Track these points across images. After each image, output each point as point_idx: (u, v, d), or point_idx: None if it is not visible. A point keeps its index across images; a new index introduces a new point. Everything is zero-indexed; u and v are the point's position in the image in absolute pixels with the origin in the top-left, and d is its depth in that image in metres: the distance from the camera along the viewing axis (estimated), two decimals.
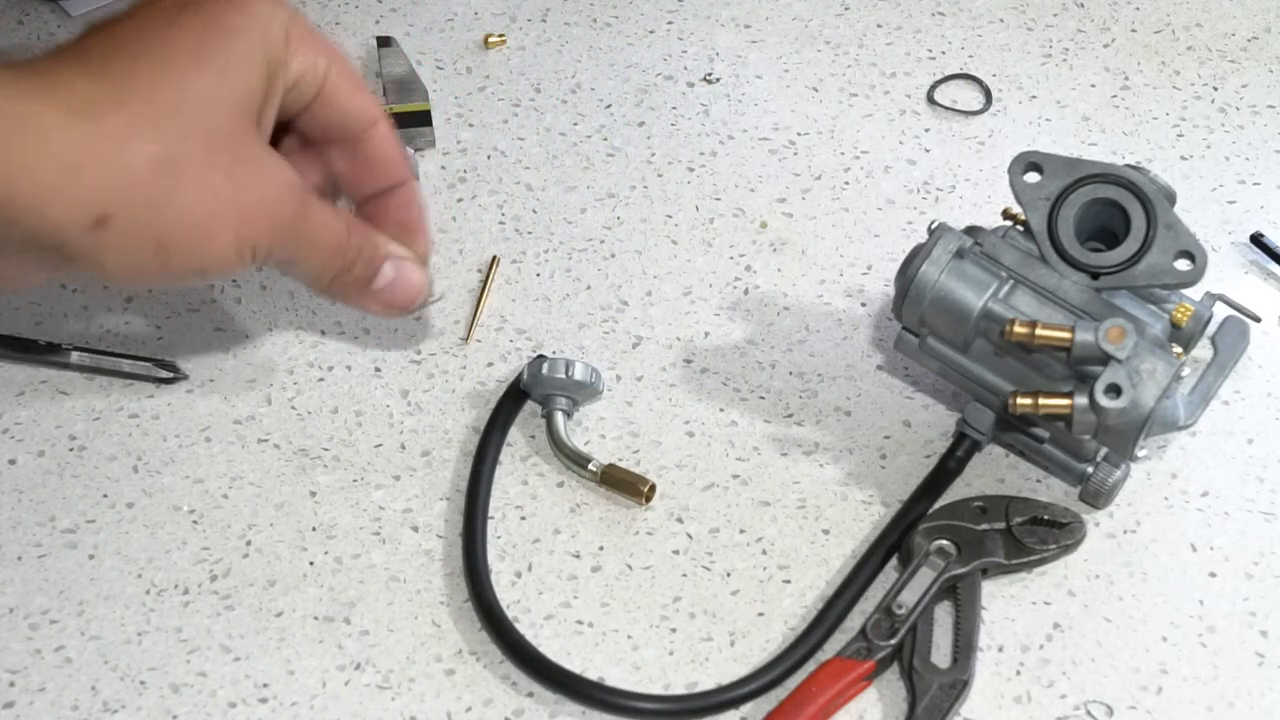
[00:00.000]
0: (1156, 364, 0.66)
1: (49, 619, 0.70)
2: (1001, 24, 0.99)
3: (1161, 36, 0.98)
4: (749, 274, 0.84)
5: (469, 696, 0.67)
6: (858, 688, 0.67)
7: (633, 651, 0.69)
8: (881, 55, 0.97)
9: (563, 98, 0.94)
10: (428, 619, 0.70)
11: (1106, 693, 0.68)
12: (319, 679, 0.68)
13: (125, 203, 0.63)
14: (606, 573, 0.72)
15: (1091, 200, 0.70)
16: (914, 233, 0.86)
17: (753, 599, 0.71)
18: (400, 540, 0.73)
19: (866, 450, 0.76)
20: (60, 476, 0.75)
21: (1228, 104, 0.94)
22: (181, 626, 0.70)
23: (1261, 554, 0.72)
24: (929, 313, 0.71)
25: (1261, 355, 0.80)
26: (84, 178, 0.61)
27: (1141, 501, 0.74)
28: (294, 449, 0.76)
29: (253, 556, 0.72)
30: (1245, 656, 0.69)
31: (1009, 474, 0.75)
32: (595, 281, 0.84)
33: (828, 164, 0.90)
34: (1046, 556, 0.71)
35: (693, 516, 0.74)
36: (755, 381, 0.79)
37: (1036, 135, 0.92)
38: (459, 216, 0.87)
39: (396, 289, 0.70)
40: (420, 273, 0.71)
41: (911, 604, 0.68)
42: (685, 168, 0.90)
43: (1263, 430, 0.77)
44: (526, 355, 0.80)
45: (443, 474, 0.75)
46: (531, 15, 1.00)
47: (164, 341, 0.80)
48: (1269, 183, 0.89)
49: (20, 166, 0.60)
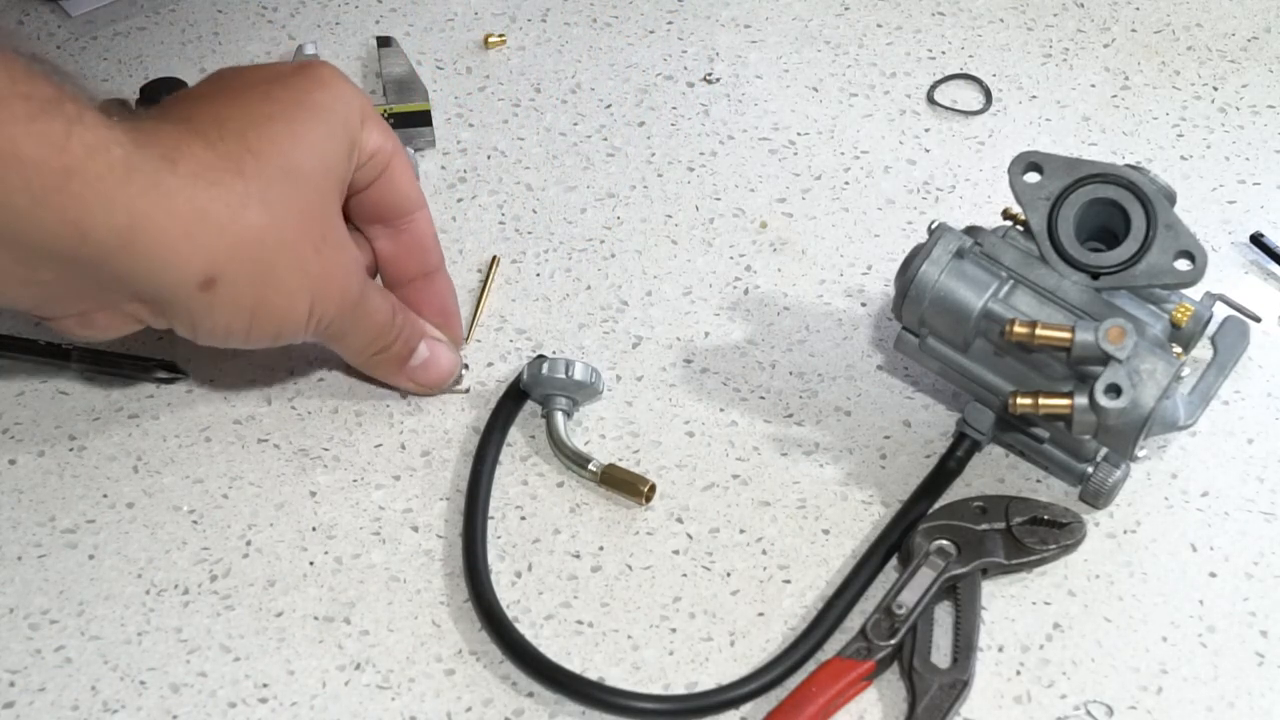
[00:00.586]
0: (1156, 364, 0.66)
1: (49, 619, 0.70)
2: (1001, 24, 0.99)
3: (1161, 36, 0.98)
4: (749, 274, 0.84)
5: (469, 696, 0.67)
6: (858, 688, 0.67)
7: (633, 651, 0.69)
8: (881, 55, 0.97)
9: (563, 98, 0.94)
10: (428, 619, 0.70)
11: (1106, 693, 0.68)
12: (319, 679, 0.68)
13: (234, 268, 0.66)
14: (606, 573, 0.72)
15: (1091, 200, 0.70)
16: (914, 233, 0.86)
17: (753, 599, 0.71)
18: (400, 540, 0.73)
19: (866, 450, 0.76)
20: (60, 476, 0.75)
21: (1228, 104, 0.94)
22: (181, 626, 0.70)
23: (1261, 554, 0.72)
24: (929, 313, 0.71)
25: (1261, 355, 0.80)
26: (201, 239, 0.64)
27: (1141, 501, 0.74)
28: (294, 449, 0.76)
29: (253, 556, 0.72)
30: (1245, 656, 0.69)
31: (1009, 474, 0.75)
32: (595, 281, 0.84)
33: (828, 164, 0.90)
34: (1046, 556, 0.71)
35: (693, 516, 0.74)
36: (755, 381, 0.79)
37: (1036, 135, 0.92)
38: (459, 216, 0.87)
39: (429, 368, 0.77)
40: (451, 355, 0.77)
41: (911, 604, 0.68)
42: (685, 168, 0.90)
43: (1263, 430, 0.77)
44: (526, 355, 0.80)
45: (443, 474, 0.75)
46: (531, 15, 1.00)
47: (164, 341, 0.80)
48: (1269, 183, 0.89)
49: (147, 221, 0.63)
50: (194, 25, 0.99)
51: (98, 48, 0.97)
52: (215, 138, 0.66)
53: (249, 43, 0.98)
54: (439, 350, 0.77)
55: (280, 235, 0.67)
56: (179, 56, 0.97)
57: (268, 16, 1.00)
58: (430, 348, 0.76)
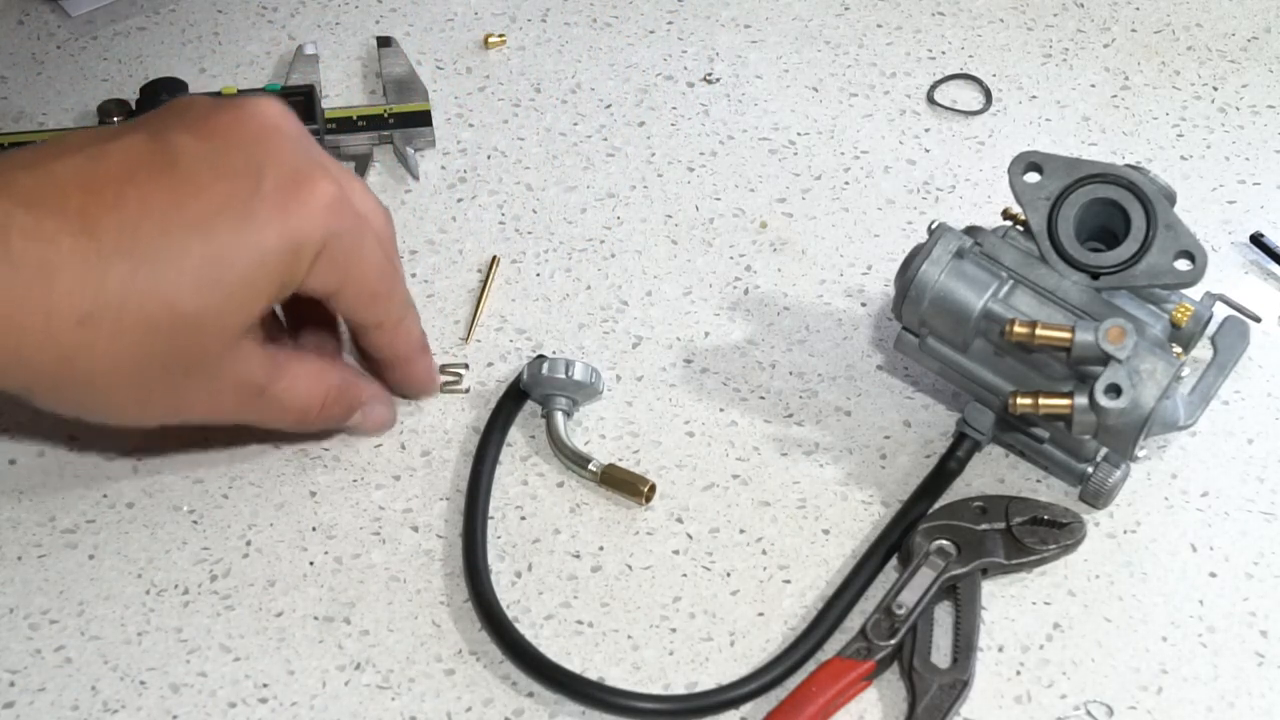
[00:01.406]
0: (1156, 364, 0.66)
1: (49, 619, 0.70)
2: (1001, 24, 0.99)
3: (1161, 36, 0.98)
4: (749, 274, 0.84)
5: (469, 696, 0.67)
6: (858, 688, 0.67)
7: (633, 651, 0.69)
8: (881, 55, 0.97)
9: (563, 98, 0.94)
10: (428, 619, 0.70)
11: (1106, 693, 0.68)
12: (319, 679, 0.68)
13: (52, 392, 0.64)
14: (606, 573, 0.72)
15: (1091, 200, 0.70)
16: (914, 233, 0.86)
17: (753, 599, 0.71)
18: (400, 540, 0.73)
19: (866, 450, 0.76)
20: (60, 476, 0.75)
21: (1228, 104, 0.94)
22: (181, 626, 0.70)
23: (1261, 554, 0.72)
24: (929, 313, 0.71)
25: (1261, 355, 0.80)
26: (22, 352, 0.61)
27: (1141, 501, 0.74)
28: (294, 449, 0.76)
29: (253, 556, 0.72)
30: (1245, 656, 0.69)
31: (1009, 474, 0.75)
32: (595, 281, 0.84)
33: (828, 164, 0.90)
34: (1046, 556, 0.71)
35: (693, 516, 0.74)
36: (755, 381, 0.79)
37: (1036, 135, 0.92)
38: (459, 216, 0.87)
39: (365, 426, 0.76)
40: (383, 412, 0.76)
41: (911, 604, 0.68)
42: (685, 168, 0.90)
43: (1263, 430, 0.77)
44: (526, 355, 0.80)
45: (443, 474, 0.75)
46: (531, 15, 1.00)
47: None
48: (1269, 183, 0.89)
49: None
50: (194, 25, 0.99)
51: (98, 48, 0.97)
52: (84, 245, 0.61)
53: (249, 43, 0.98)
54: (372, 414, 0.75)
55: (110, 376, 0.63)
56: (179, 56, 0.97)
57: (268, 17, 1.00)
58: (363, 414, 0.75)
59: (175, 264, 0.62)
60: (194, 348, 0.64)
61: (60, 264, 0.60)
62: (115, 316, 0.61)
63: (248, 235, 0.63)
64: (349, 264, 0.67)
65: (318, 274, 0.66)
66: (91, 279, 0.61)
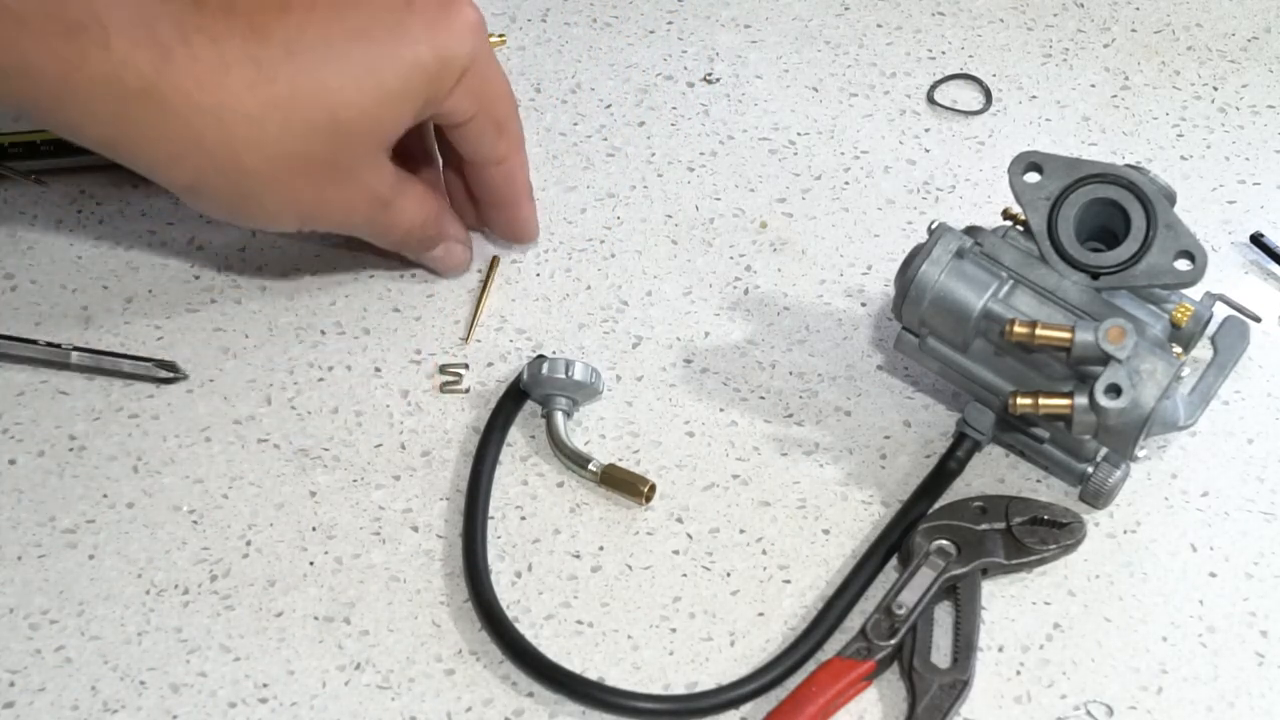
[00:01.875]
0: (1156, 364, 0.66)
1: (49, 619, 0.70)
2: (1001, 24, 0.99)
3: (1161, 36, 0.98)
4: (749, 274, 0.84)
5: (469, 696, 0.67)
6: (858, 688, 0.67)
7: (633, 651, 0.69)
8: (881, 55, 0.97)
9: (563, 98, 0.94)
10: (428, 619, 0.70)
11: (1106, 693, 0.68)
12: (319, 679, 0.68)
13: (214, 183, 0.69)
14: (606, 573, 0.72)
15: (1091, 200, 0.70)
16: (914, 233, 0.86)
17: (753, 599, 0.71)
18: (400, 540, 0.73)
19: (866, 450, 0.76)
20: (60, 476, 0.75)
21: (1228, 104, 0.94)
22: (181, 626, 0.70)
23: (1261, 554, 0.72)
24: (929, 313, 0.71)
25: (1261, 355, 0.80)
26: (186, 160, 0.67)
27: (1141, 501, 0.74)
28: (294, 449, 0.76)
29: (253, 556, 0.72)
30: (1245, 656, 0.69)
31: (1009, 474, 0.75)
32: (595, 281, 0.84)
33: (828, 164, 0.90)
34: (1046, 556, 0.71)
35: (693, 516, 0.74)
36: (755, 381, 0.79)
37: (1036, 135, 0.92)
38: None
39: (440, 263, 0.81)
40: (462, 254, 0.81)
41: (911, 604, 0.68)
42: (685, 168, 0.90)
43: (1263, 430, 0.77)
44: (526, 355, 0.80)
45: (443, 474, 0.75)
46: (531, 15, 1.00)
47: (164, 341, 0.80)
48: (1269, 183, 0.89)
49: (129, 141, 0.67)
50: None
51: None
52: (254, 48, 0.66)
53: None
54: (453, 251, 0.80)
55: (272, 172, 0.67)
56: None
57: None
58: (446, 249, 0.79)
59: (337, 69, 0.67)
60: (345, 151, 0.69)
61: (232, 61, 0.65)
62: (283, 116, 0.66)
63: (402, 47, 0.69)
64: (484, 89, 0.72)
65: (458, 95, 0.71)
66: (261, 79, 0.66)
